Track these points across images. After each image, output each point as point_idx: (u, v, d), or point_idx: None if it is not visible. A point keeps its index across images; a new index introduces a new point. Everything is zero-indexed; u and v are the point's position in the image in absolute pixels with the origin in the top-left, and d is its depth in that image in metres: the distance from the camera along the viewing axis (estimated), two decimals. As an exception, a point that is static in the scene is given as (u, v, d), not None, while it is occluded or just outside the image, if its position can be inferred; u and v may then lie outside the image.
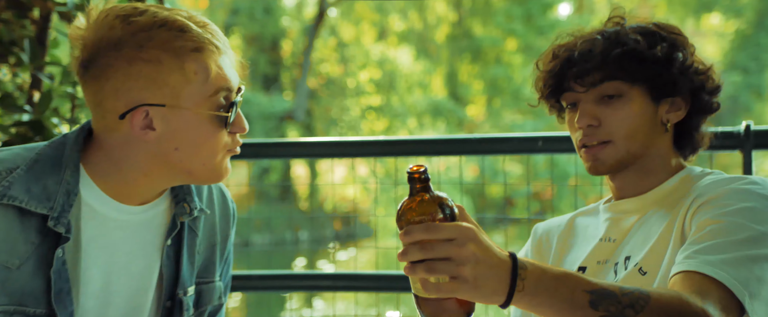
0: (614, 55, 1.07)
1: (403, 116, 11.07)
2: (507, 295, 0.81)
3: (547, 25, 10.97)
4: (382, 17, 11.99)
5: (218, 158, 1.00)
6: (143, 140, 0.98)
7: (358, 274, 2.24)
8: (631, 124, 1.07)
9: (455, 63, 11.82)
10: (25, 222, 0.95)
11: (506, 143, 2.02)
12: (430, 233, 0.80)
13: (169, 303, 1.07)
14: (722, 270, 0.93)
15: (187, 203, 1.07)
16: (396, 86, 11.38)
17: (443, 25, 11.88)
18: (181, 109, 0.97)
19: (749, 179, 1.04)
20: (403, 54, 11.39)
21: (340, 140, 2.66)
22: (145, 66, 0.96)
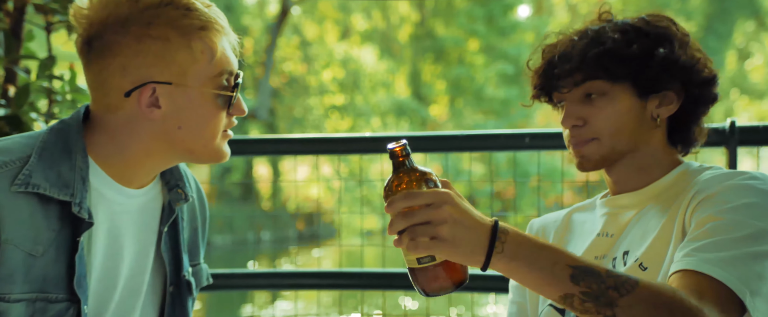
0: (591, 55, 1.07)
1: (367, 115, 11.08)
2: (485, 256, 0.84)
3: (509, 26, 11.14)
4: (346, 16, 11.97)
5: (217, 139, 1.01)
6: (148, 118, 0.98)
7: (321, 272, 2.23)
8: (616, 121, 1.07)
9: (418, 63, 11.89)
10: (47, 210, 0.95)
11: (494, 139, 2.02)
12: (410, 201, 0.84)
13: (172, 287, 1.08)
14: (721, 268, 0.91)
15: (181, 188, 1.08)
16: (360, 85, 11.38)
17: (406, 25, 11.92)
18: (187, 87, 0.97)
19: (750, 175, 1.02)
20: (367, 53, 11.39)
21: (316, 137, 2.61)
22: (153, 43, 0.96)
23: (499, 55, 10.94)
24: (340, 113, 11.70)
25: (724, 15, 9.43)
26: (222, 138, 1.02)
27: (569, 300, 0.86)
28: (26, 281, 0.93)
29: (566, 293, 0.86)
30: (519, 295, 1.20)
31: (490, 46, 11.06)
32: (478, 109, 11.27)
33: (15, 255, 0.92)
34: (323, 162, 4.10)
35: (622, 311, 0.86)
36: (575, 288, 0.85)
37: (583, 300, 0.85)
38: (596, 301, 0.85)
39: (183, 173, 1.09)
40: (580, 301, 0.85)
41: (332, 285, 2.18)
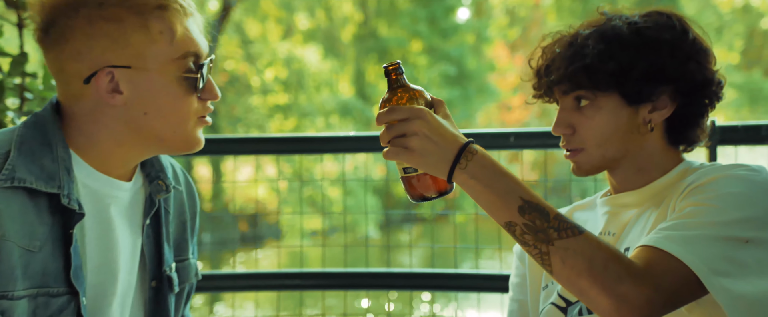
0: (574, 68, 1.06)
1: (311, 115, 11.00)
2: (449, 170, 0.92)
3: (450, 28, 11.29)
4: (289, 15, 11.83)
5: (189, 125, 0.97)
6: (111, 104, 0.93)
7: (260, 273, 2.20)
8: (603, 131, 1.07)
9: (362, 63, 11.90)
10: (36, 204, 0.91)
11: (478, 139, 2.05)
12: (389, 115, 0.94)
13: (154, 282, 1.04)
14: (680, 245, 0.90)
15: (161, 180, 1.04)
16: (304, 84, 11.28)
17: (350, 24, 11.91)
18: (148, 71, 0.93)
19: (744, 167, 1.01)
20: (311, 53, 11.31)
21: (270, 137, 2.57)
22: (105, 25, 0.91)
23: (442, 56, 11.08)
24: (283, 112, 11.57)
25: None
26: (196, 125, 0.98)
27: (512, 228, 0.91)
28: (26, 277, 0.90)
29: (510, 220, 0.91)
30: (520, 293, 1.20)
31: (432, 48, 11.19)
32: (422, 109, 11.35)
33: (13, 252, 0.89)
34: (266, 162, 4.05)
35: (555, 250, 0.89)
36: (520, 218, 0.91)
37: (523, 231, 0.90)
38: (535, 235, 0.90)
39: (166, 164, 1.06)
40: (520, 231, 0.90)
41: (270, 286, 2.16)
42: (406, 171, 0.96)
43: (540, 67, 1.12)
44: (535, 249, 0.91)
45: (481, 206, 0.94)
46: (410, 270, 2.17)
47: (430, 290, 2.22)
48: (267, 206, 4.82)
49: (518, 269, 1.23)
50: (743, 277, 0.91)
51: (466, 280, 2.07)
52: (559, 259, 0.89)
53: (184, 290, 1.13)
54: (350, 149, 2.12)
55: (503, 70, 10.97)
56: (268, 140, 2.41)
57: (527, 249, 0.92)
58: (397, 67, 0.97)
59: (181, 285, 1.11)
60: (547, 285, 1.17)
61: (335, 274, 2.14)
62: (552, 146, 1.92)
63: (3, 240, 0.89)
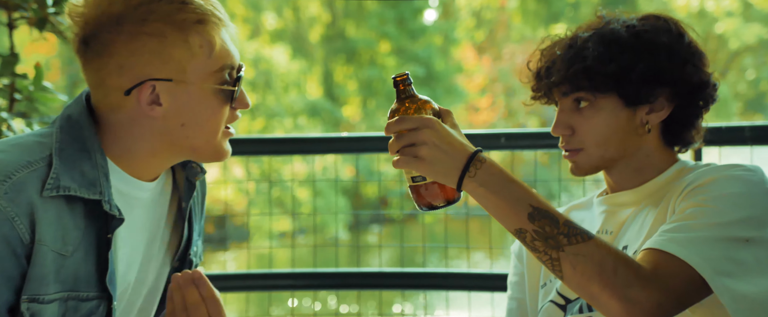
0: (574, 70, 1.08)
1: (279, 115, 10.92)
2: (458, 178, 0.94)
3: (418, 29, 11.34)
4: (256, 14, 11.73)
5: (219, 136, 1.00)
6: (150, 116, 0.96)
7: (228, 274, 2.19)
8: (602, 132, 1.08)
9: (330, 63, 11.87)
10: (73, 209, 0.92)
11: (469, 139, 2.05)
12: (399, 125, 0.97)
13: (177, 263, 1.07)
14: (684, 247, 0.92)
15: (194, 163, 1.07)
16: (272, 85, 11.20)
17: (317, 25, 11.87)
18: (187, 83, 0.95)
19: (741, 167, 1.03)
20: (279, 53, 11.23)
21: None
22: (149, 40, 0.93)
23: (411, 57, 11.12)
24: (251, 113, 11.45)
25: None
26: (223, 136, 1.01)
27: (522, 235, 0.93)
28: (58, 281, 0.91)
29: (521, 227, 0.93)
30: (518, 292, 1.21)
31: (401, 49, 11.23)
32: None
33: (47, 256, 0.90)
34: (233, 163, 4.01)
35: (566, 256, 0.91)
36: (529, 225, 0.92)
37: (533, 237, 0.92)
38: (545, 241, 0.91)
39: None
40: (531, 238, 0.92)
41: (238, 287, 2.15)
42: (414, 180, 0.98)
43: (540, 69, 1.13)
44: (545, 255, 0.92)
45: (491, 214, 0.95)
46: (380, 270, 2.18)
47: (400, 289, 2.23)
48: (235, 208, 4.77)
49: (516, 268, 1.24)
50: (744, 276, 0.93)
51: (435, 279, 2.09)
52: (570, 265, 0.90)
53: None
54: (320, 150, 2.12)
55: (471, 71, 11.07)
56: (236, 141, 2.39)
57: (538, 255, 0.93)
58: (405, 78, 0.99)
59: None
60: (545, 283, 1.18)
61: (304, 274, 2.14)
62: (543, 146, 1.96)
63: (39, 245, 0.90)
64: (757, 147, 1.74)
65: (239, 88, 1.00)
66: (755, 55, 8.74)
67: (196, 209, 1.12)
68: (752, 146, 1.74)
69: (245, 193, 2.36)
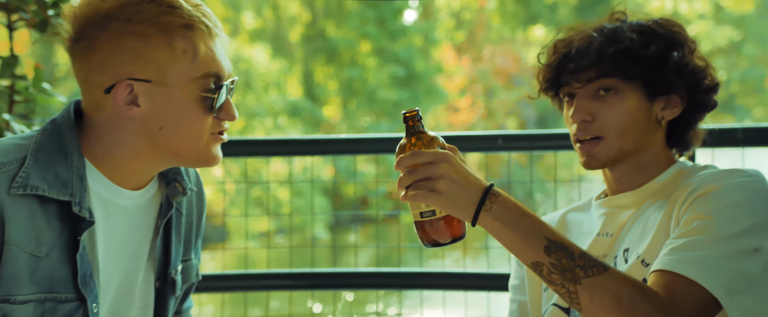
0: (609, 53, 1.08)
1: (260, 115, 10.87)
2: (474, 213, 0.94)
3: (399, 29, 11.37)
4: (235, 14, 11.67)
5: (203, 141, 0.99)
6: (129, 116, 0.96)
7: (206, 275, 2.18)
8: (624, 120, 1.09)
9: (311, 63, 11.84)
10: (46, 210, 0.92)
11: (467, 141, 2.05)
12: (414, 158, 0.96)
13: (158, 283, 1.07)
14: (696, 267, 0.93)
15: (178, 182, 1.06)
16: (252, 84, 11.14)
17: (297, 24, 11.83)
18: (167, 86, 0.95)
19: (743, 173, 1.04)
20: (259, 53, 11.17)
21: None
22: (132, 39, 0.94)
23: (391, 57, 11.14)
24: (230, 113, 11.36)
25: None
26: (211, 141, 1.00)
27: (539, 268, 0.93)
28: (33, 282, 0.91)
29: (537, 261, 0.93)
30: (519, 294, 1.22)
31: (381, 49, 11.25)
32: (371, 110, 11.42)
33: (18, 257, 0.90)
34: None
35: (583, 289, 0.92)
36: (546, 258, 0.93)
37: (550, 270, 0.93)
38: (562, 274, 0.92)
39: (181, 167, 1.07)
40: (548, 271, 0.93)
41: (214, 288, 2.15)
42: (423, 215, 0.97)
43: (562, 56, 1.12)
44: (562, 288, 0.93)
45: (507, 248, 0.96)
46: (358, 270, 2.19)
47: (379, 289, 2.24)
48: (214, 208, 4.74)
49: (517, 272, 1.26)
50: (754, 290, 0.95)
51: (412, 279, 2.11)
52: (587, 298, 0.91)
53: (183, 290, 1.15)
54: (301, 152, 2.12)
55: (450, 72, 11.13)
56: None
57: (555, 289, 0.94)
58: (415, 115, 1.00)
59: (183, 286, 1.13)
60: (547, 287, 1.18)
61: (280, 275, 2.14)
62: (539, 148, 1.98)
63: (8, 245, 0.90)
64: (749, 148, 1.76)
65: (221, 97, 0.99)
66: (726, 58, 8.93)
67: (184, 227, 1.11)
68: (744, 148, 1.76)
69: (224, 193, 2.37)
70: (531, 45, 10.96)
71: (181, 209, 1.10)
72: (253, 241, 3.26)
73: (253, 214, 2.32)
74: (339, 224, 4.17)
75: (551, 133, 1.99)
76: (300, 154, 2.14)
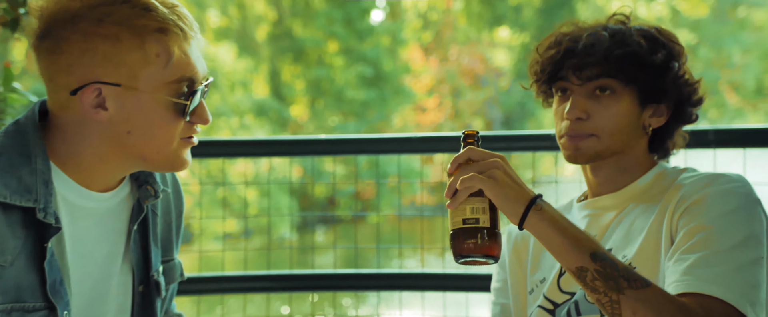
0: (616, 54, 1.09)
1: (225, 114, 10.73)
2: (526, 207, 0.95)
3: (366, 29, 11.37)
4: (200, 12, 11.49)
5: (173, 146, 0.95)
6: (95, 119, 0.92)
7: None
8: (618, 122, 1.11)
9: (277, 62, 11.74)
10: (8, 217, 0.88)
11: (445, 142, 2.06)
12: (470, 154, 0.99)
13: (141, 287, 1.03)
14: (720, 285, 0.95)
15: (150, 185, 1.02)
16: (217, 83, 10.98)
17: (264, 23, 11.73)
18: (138, 91, 0.92)
19: (727, 178, 1.07)
20: (224, 51, 11.03)
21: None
22: (102, 42, 0.90)
23: (358, 57, 11.14)
24: (195, 112, 11.19)
25: (551, 28, 10.39)
26: (181, 145, 0.97)
27: (583, 273, 0.93)
28: None
29: (583, 265, 0.93)
30: (502, 297, 1.23)
31: (349, 49, 11.23)
32: (338, 110, 11.39)
33: None
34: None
35: (626, 299, 0.91)
36: (592, 264, 0.93)
37: (594, 277, 0.92)
38: (606, 282, 0.92)
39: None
40: (591, 277, 0.92)
41: (188, 290, 2.11)
42: (465, 222, 0.96)
43: (566, 49, 1.12)
44: (605, 296, 0.93)
45: (551, 250, 0.96)
46: (326, 271, 2.17)
47: (346, 290, 2.23)
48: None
49: (499, 274, 1.26)
50: (762, 300, 0.98)
51: (385, 280, 2.10)
52: (630, 310, 0.91)
53: (169, 291, 1.12)
54: (268, 153, 2.09)
55: (418, 72, 11.17)
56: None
57: (597, 296, 0.94)
58: (475, 135, 1.03)
59: (167, 286, 1.10)
60: (532, 289, 1.20)
61: (246, 277, 2.11)
62: (517, 149, 1.99)
63: None
64: (720, 150, 1.80)
65: (194, 101, 0.96)
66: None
67: (161, 228, 1.08)
68: (715, 149, 1.80)
69: (188, 194, 2.32)
70: (496, 46, 11.09)
71: (156, 211, 1.07)
72: (219, 242, 3.21)
73: (217, 216, 2.29)
74: (306, 224, 4.15)
75: (530, 134, 2.00)
76: (269, 155, 2.11)
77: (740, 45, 9.07)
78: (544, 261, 1.20)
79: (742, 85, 8.93)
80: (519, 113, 10.50)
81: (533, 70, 1.19)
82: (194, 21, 0.98)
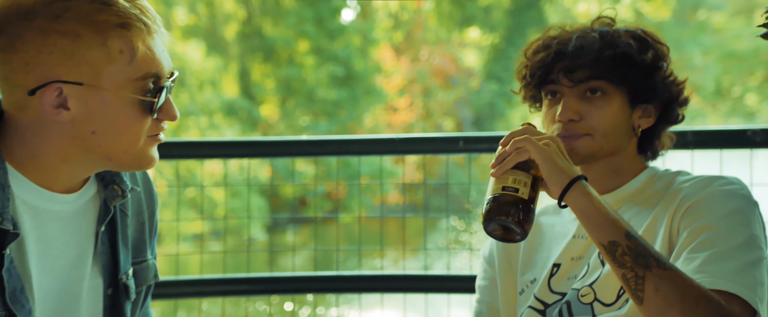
0: (607, 55, 1.10)
1: (194, 114, 10.58)
2: (571, 179, 0.99)
3: (337, 29, 11.34)
4: (167, 9, 11.31)
5: (140, 144, 0.92)
6: (56, 120, 0.87)
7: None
8: (610, 122, 1.12)
9: (247, 61, 11.63)
10: None
11: (427, 143, 2.05)
12: (529, 130, 1.02)
13: (110, 290, 0.99)
14: (734, 281, 0.96)
15: (117, 184, 0.98)
16: (185, 82, 10.83)
17: (233, 22, 11.60)
18: (101, 89, 0.88)
19: (726, 180, 1.09)
20: (192, 50, 10.87)
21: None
22: (60, 39, 0.85)
23: (330, 57, 11.10)
24: (163, 111, 10.99)
25: (520, 29, 10.53)
26: (147, 143, 0.93)
27: (614, 247, 0.95)
28: None
29: (615, 240, 0.95)
30: (487, 296, 1.22)
31: (319, 48, 11.18)
32: (309, 110, 11.34)
33: None
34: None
35: (652, 276, 0.93)
36: (625, 240, 0.95)
37: (624, 252, 0.94)
38: (635, 258, 0.94)
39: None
40: (621, 252, 0.94)
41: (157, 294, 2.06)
42: (504, 189, 0.98)
43: (555, 52, 1.13)
44: (631, 271, 0.94)
45: (585, 223, 0.98)
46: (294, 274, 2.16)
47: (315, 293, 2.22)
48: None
49: (486, 273, 1.26)
50: (765, 299, 1.00)
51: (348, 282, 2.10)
52: (653, 286, 0.92)
53: (142, 292, 1.08)
54: (237, 154, 2.07)
55: (389, 72, 11.19)
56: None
57: (622, 271, 0.95)
58: (533, 126, 1.05)
59: (139, 288, 1.06)
60: (522, 289, 1.19)
61: (214, 280, 2.08)
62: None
63: None
64: (698, 151, 1.83)
65: (162, 98, 0.93)
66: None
67: (132, 228, 1.05)
68: (693, 150, 1.83)
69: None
70: (467, 46, 11.17)
71: (125, 211, 1.03)
72: (187, 243, 3.16)
73: (185, 218, 2.25)
74: (276, 225, 4.11)
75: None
76: (237, 156, 2.08)
77: (700, 47, 9.31)
78: (535, 262, 1.20)
79: (702, 86, 9.15)
80: (489, 113, 10.60)
81: (522, 74, 1.19)
82: (157, 14, 0.95)
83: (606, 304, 1.07)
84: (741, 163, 1.83)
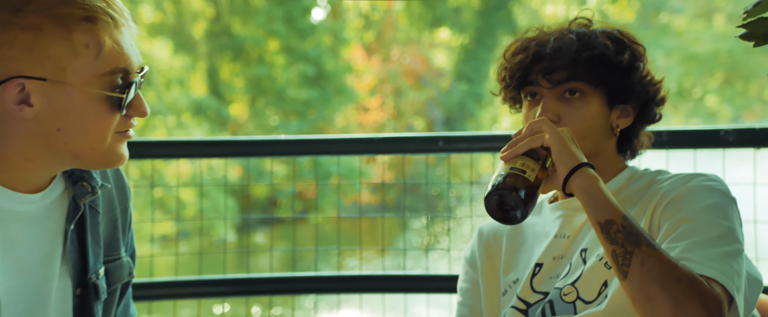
0: (584, 57, 1.11)
1: (161, 113, 10.40)
2: (579, 162, 1.02)
3: (307, 28, 11.28)
4: (132, 6, 11.07)
5: (108, 141, 0.88)
6: (18, 117, 0.84)
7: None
8: (587, 124, 1.13)
9: (216, 60, 11.48)
10: None
11: (407, 142, 2.03)
12: (548, 120, 1.06)
13: (79, 290, 0.95)
14: (714, 268, 0.98)
15: (86, 181, 0.94)
16: (152, 81, 10.63)
17: (201, 20, 11.44)
18: (67, 85, 0.84)
19: (706, 176, 1.11)
20: (159, 48, 10.69)
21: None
22: (22, 33, 0.81)
23: (300, 56, 11.03)
24: (129, 111, 10.77)
25: (489, 29, 10.65)
26: (116, 140, 0.90)
27: (609, 225, 0.98)
28: None
29: (612, 219, 0.98)
30: (469, 298, 1.21)
31: (290, 48, 11.11)
32: (279, 109, 11.25)
33: None
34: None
35: (639, 253, 0.95)
36: (622, 220, 0.98)
37: (618, 230, 0.97)
38: (628, 236, 0.96)
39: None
40: (615, 229, 0.97)
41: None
42: (512, 169, 1.00)
43: (534, 54, 1.14)
44: (621, 247, 0.96)
45: (586, 202, 1.00)
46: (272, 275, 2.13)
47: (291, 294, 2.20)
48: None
49: (468, 274, 1.26)
50: (742, 289, 1.01)
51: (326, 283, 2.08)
52: (639, 261, 0.95)
53: (116, 291, 1.04)
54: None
55: (360, 72, 11.18)
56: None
57: (613, 247, 0.97)
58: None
59: (112, 287, 1.02)
60: (505, 290, 1.20)
61: (189, 282, 2.04)
62: (478, 149, 2.00)
63: None
64: (673, 150, 1.87)
65: (131, 94, 0.90)
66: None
67: (103, 226, 1.01)
68: (669, 150, 1.86)
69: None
70: (437, 47, 11.23)
71: (96, 208, 1.00)
72: (154, 245, 3.09)
73: (157, 220, 2.20)
74: (247, 225, 4.06)
75: (491, 134, 2.03)
76: (207, 156, 2.05)
77: (663, 49, 9.55)
78: (517, 262, 1.20)
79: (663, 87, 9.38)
80: (459, 113, 10.67)
81: (501, 76, 1.20)
82: (124, 7, 0.91)
83: (587, 302, 1.08)
84: (714, 161, 1.87)
